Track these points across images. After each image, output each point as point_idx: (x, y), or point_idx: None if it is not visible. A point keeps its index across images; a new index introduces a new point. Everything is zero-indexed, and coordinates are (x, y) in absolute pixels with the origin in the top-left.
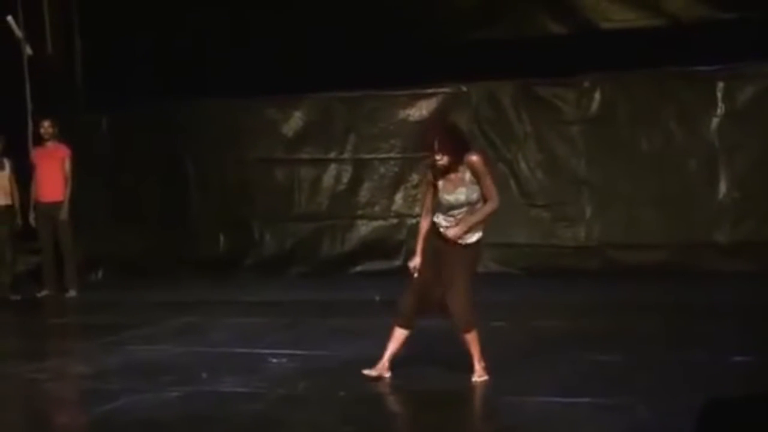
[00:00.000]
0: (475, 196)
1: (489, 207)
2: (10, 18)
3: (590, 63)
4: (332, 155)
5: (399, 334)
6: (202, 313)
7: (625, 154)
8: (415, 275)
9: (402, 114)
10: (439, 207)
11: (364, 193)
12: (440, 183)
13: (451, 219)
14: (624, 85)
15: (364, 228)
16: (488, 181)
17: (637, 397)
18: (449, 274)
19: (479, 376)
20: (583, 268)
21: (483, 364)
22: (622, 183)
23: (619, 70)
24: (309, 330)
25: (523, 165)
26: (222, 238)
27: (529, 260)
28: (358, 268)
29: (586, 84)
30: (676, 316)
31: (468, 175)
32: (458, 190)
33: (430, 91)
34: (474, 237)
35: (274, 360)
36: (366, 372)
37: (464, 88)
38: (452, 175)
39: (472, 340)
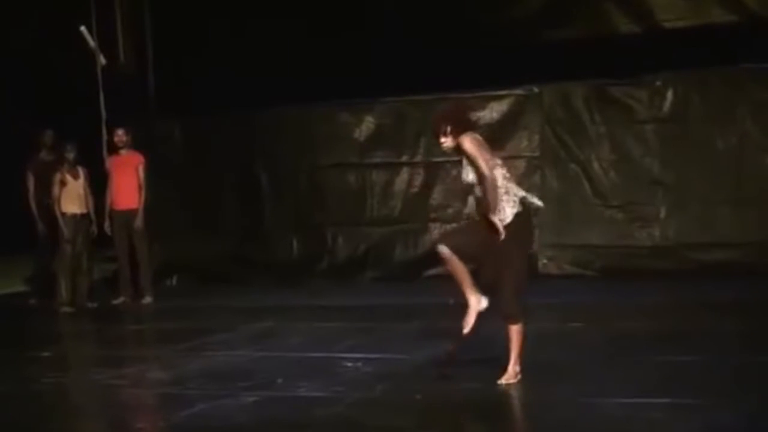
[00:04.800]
0: (471, 176)
1: (484, 185)
2: (83, 28)
3: (663, 61)
4: (404, 159)
5: (460, 268)
6: (277, 318)
7: (699, 153)
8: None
9: (474, 116)
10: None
11: (436, 197)
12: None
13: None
14: (697, 83)
15: (437, 231)
16: (479, 163)
17: (717, 398)
18: (501, 259)
19: (507, 379)
20: (658, 269)
21: (518, 368)
22: (696, 182)
23: (693, 68)
24: (384, 334)
25: (596, 165)
26: (295, 243)
27: (604, 261)
28: (431, 272)
29: (659, 83)
30: (754, 316)
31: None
32: (464, 170)
33: (502, 92)
34: (507, 218)
35: (350, 364)
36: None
37: (536, 90)
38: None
39: (514, 336)
